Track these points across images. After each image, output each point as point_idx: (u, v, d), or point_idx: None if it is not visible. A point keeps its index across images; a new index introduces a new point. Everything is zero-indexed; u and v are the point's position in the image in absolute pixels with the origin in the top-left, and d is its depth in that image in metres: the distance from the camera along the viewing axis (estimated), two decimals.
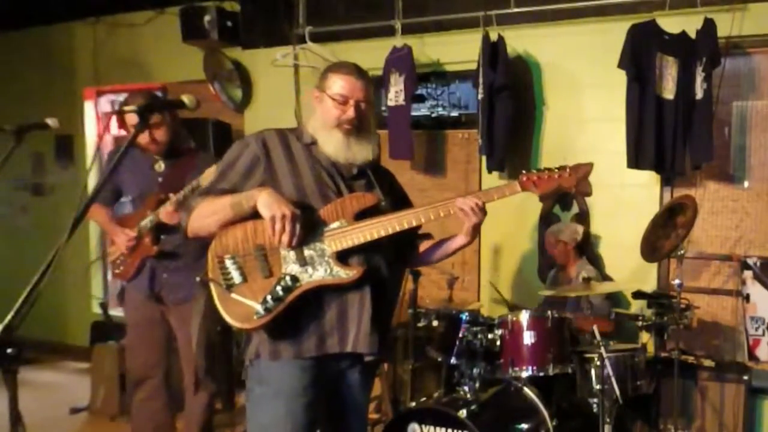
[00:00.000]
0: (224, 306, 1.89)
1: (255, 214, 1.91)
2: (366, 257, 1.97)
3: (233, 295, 1.87)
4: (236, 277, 1.89)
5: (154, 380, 3.22)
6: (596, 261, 4.00)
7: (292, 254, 1.91)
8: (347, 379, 2.08)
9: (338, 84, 2.04)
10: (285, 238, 1.86)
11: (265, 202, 1.87)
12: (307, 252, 1.92)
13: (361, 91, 2.05)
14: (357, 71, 2.08)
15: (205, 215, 1.95)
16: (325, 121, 2.05)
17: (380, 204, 2.04)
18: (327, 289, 1.93)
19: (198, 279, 1.91)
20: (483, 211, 2.08)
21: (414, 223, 2.01)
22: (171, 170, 3.08)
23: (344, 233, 1.94)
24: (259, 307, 1.85)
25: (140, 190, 3.13)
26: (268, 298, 1.85)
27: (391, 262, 2.07)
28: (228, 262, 1.90)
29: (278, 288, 1.86)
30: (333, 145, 2.04)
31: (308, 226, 1.92)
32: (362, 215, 1.98)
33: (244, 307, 1.86)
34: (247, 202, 1.90)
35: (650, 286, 3.80)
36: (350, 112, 2.03)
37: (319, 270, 1.91)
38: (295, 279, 1.88)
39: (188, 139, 3.24)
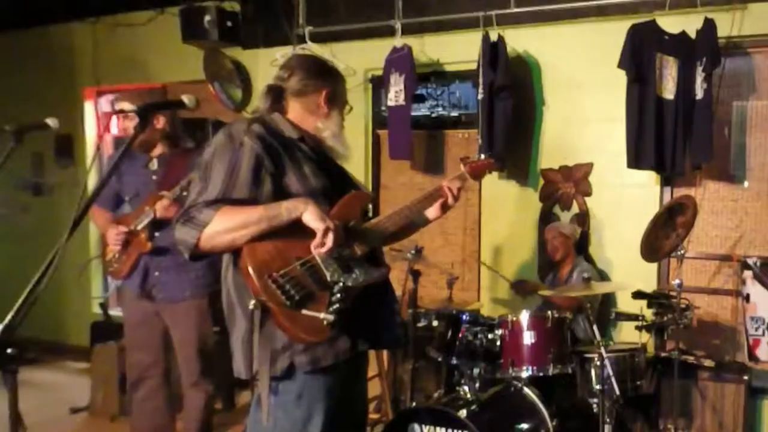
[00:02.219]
0: (293, 324, 1.81)
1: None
2: (378, 253, 2.02)
3: (303, 311, 1.81)
4: (298, 293, 1.82)
5: (152, 380, 3.22)
6: (591, 261, 4.00)
7: (331, 261, 1.87)
8: (359, 372, 2.12)
9: (345, 88, 2.15)
10: (328, 249, 1.84)
11: (317, 214, 1.84)
12: (343, 257, 1.91)
13: None
14: None
15: (231, 229, 1.82)
16: (340, 125, 2.09)
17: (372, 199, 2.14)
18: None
19: (251, 305, 1.79)
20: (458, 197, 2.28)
21: (415, 216, 2.14)
22: (165, 169, 3.09)
23: (365, 233, 1.97)
24: (330, 317, 1.80)
25: (135, 189, 3.14)
26: (332, 308, 1.82)
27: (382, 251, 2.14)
28: (282, 281, 1.82)
29: (337, 296, 1.83)
30: (345, 146, 2.10)
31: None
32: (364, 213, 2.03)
33: (314, 320, 1.81)
34: (289, 214, 1.83)
35: (650, 286, 3.79)
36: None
37: (359, 272, 1.90)
38: (346, 285, 1.86)
39: (186, 139, 3.24)
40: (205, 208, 1.83)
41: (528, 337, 3.09)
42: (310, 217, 1.83)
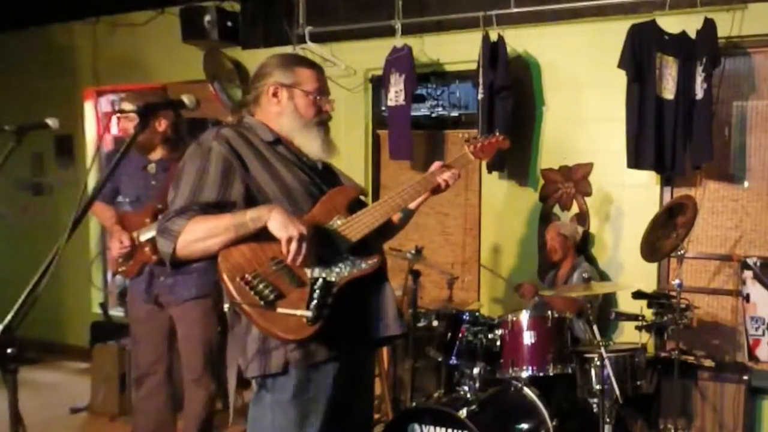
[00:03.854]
0: (271, 324, 1.78)
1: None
2: (370, 244, 1.99)
3: (279, 310, 1.79)
4: (271, 292, 1.79)
5: (155, 377, 3.23)
6: (592, 261, 4.00)
7: (311, 259, 1.86)
8: (364, 366, 2.11)
9: (312, 79, 2.02)
10: (300, 258, 1.81)
11: (279, 222, 1.79)
12: (323, 253, 1.89)
13: (327, 84, 2.07)
14: (318, 65, 2.10)
15: (201, 238, 1.81)
16: (303, 120, 2.01)
17: (361, 194, 2.09)
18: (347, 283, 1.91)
19: (226, 308, 1.79)
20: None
21: (406, 204, 2.10)
22: (165, 175, 3.08)
23: (348, 227, 1.95)
24: (308, 314, 1.77)
25: (136, 193, 3.15)
26: (312, 305, 1.80)
27: (379, 242, 2.11)
28: (255, 281, 1.80)
29: (316, 293, 1.81)
30: (315, 143, 2.02)
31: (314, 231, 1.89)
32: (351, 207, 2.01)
33: (292, 318, 1.78)
34: (254, 223, 1.81)
35: (650, 286, 3.79)
36: (329, 107, 2.06)
37: (344, 266, 1.89)
38: (327, 280, 1.84)
39: (187, 141, 3.22)
40: (176, 218, 1.83)
41: (528, 337, 3.09)
42: (274, 225, 1.79)
